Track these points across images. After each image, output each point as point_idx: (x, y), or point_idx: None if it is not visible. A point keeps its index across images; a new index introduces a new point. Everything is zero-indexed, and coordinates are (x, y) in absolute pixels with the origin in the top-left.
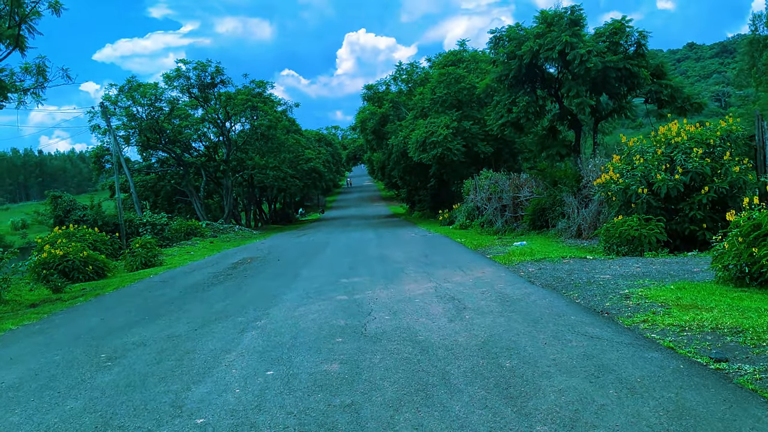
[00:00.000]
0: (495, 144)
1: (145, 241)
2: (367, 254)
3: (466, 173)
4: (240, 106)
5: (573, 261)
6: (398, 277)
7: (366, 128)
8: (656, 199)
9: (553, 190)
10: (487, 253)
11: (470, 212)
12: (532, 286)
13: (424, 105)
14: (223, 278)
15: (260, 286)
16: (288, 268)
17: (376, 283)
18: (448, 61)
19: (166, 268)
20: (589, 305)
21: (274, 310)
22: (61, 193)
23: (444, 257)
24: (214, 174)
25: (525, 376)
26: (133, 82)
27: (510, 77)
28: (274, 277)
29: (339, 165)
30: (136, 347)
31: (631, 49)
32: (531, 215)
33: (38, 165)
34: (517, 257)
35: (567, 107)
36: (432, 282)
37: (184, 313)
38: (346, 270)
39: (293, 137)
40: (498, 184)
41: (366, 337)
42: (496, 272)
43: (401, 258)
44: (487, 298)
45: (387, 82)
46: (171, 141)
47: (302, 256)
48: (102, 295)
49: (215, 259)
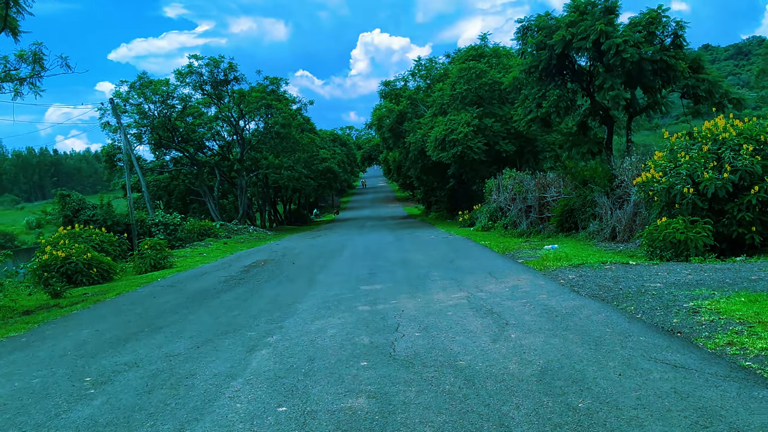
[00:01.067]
0: (517, 142)
1: (154, 243)
2: (387, 258)
3: (487, 173)
4: (254, 103)
5: (615, 267)
6: (424, 284)
7: (383, 126)
8: (702, 199)
9: (583, 190)
10: (517, 258)
11: (493, 213)
12: (579, 296)
13: (444, 101)
14: (235, 283)
15: (274, 293)
16: (303, 273)
17: (400, 291)
18: (468, 56)
19: (176, 270)
20: (654, 321)
21: (288, 322)
22: (70, 192)
23: (471, 262)
24: (228, 174)
25: (609, 424)
26: (145, 78)
27: (540, 69)
28: (288, 282)
29: (354, 165)
30: (128, 369)
31: (668, 40)
32: (559, 217)
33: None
34: (552, 262)
35: (599, 102)
36: (463, 291)
37: (188, 324)
38: (365, 275)
39: (308, 136)
40: (523, 184)
41: (396, 361)
42: (533, 280)
43: (424, 262)
44: (531, 311)
45: (405, 78)
46: (184, 140)
47: (318, 259)
48: (103, 301)
49: (227, 262)
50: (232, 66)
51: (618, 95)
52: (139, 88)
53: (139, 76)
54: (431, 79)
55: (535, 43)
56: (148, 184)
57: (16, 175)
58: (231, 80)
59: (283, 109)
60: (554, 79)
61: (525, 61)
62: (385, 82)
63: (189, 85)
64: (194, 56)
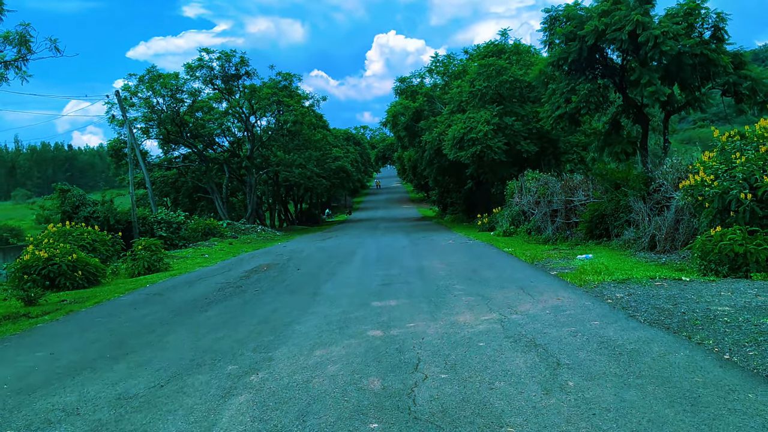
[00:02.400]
0: (539, 143)
1: (149, 243)
2: (401, 265)
3: (507, 174)
4: (265, 99)
5: (667, 284)
6: (445, 300)
7: (398, 124)
8: (762, 206)
9: (615, 194)
10: (549, 269)
11: (515, 217)
12: (639, 324)
13: (462, 98)
14: (230, 292)
15: (270, 308)
16: (308, 282)
17: (419, 309)
18: (488, 52)
19: (171, 274)
20: (751, 366)
21: (280, 352)
22: (71, 187)
23: (497, 273)
24: (237, 171)
25: None
26: (154, 72)
27: (569, 62)
28: (289, 293)
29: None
30: (63, 418)
31: (707, 33)
32: (588, 222)
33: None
34: (591, 276)
35: (632, 99)
36: (493, 311)
37: (160, 349)
38: (377, 286)
39: (320, 132)
40: (548, 187)
41: (418, 422)
42: (576, 299)
43: (444, 272)
44: (586, 345)
45: (421, 74)
46: (194, 135)
47: (326, 265)
48: (77, 311)
49: (228, 265)
50: (243, 60)
51: (657, 91)
52: (148, 81)
53: (148, 69)
54: (449, 76)
55: (564, 34)
56: (155, 180)
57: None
58: (242, 75)
59: (295, 105)
60: (584, 73)
61: (552, 53)
62: (401, 79)
63: (199, 79)
64: (205, 50)
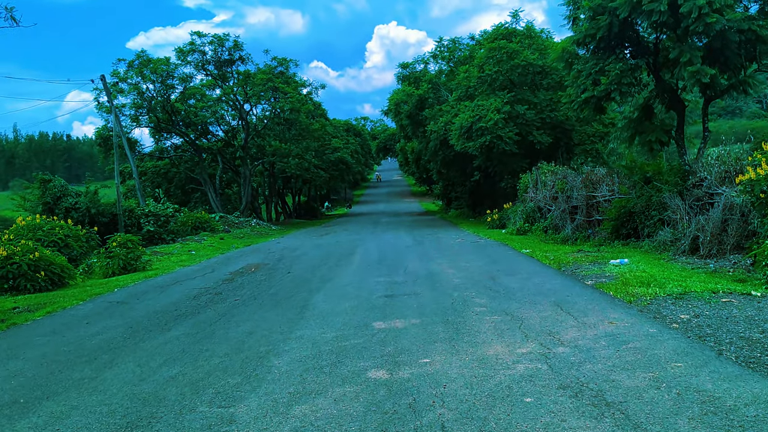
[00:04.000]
0: (553, 133)
1: (125, 240)
2: (407, 269)
3: (518, 167)
4: (259, 86)
5: (735, 300)
6: (465, 320)
7: (400, 113)
8: None
9: (646, 189)
10: (581, 276)
11: (530, 214)
12: (740, 368)
13: (470, 84)
14: (205, 302)
15: (246, 327)
16: (297, 290)
17: (433, 334)
18: (498, 35)
19: (147, 275)
20: None
21: (245, 407)
22: (52, 177)
23: (521, 281)
24: (231, 161)
25: None
26: (144, 56)
27: (597, 38)
28: (273, 305)
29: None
30: None
31: (754, 6)
32: (614, 221)
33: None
34: (639, 288)
35: (666, 82)
36: (531, 340)
37: (90, 393)
38: (380, 299)
39: (319, 122)
40: (567, 181)
41: None
42: (633, 323)
43: (457, 279)
44: (683, 408)
45: (425, 60)
46: (186, 124)
47: (320, 267)
48: (19, 326)
49: (213, 265)
50: (237, 45)
51: (699, 71)
52: (138, 67)
53: (138, 54)
54: (454, 62)
55: (591, 8)
56: (147, 171)
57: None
58: (236, 60)
59: (292, 92)
60: (614, 51)
61: (578, 30)
62: (403, 64)
63: (191, 64)
64: (197, 33)
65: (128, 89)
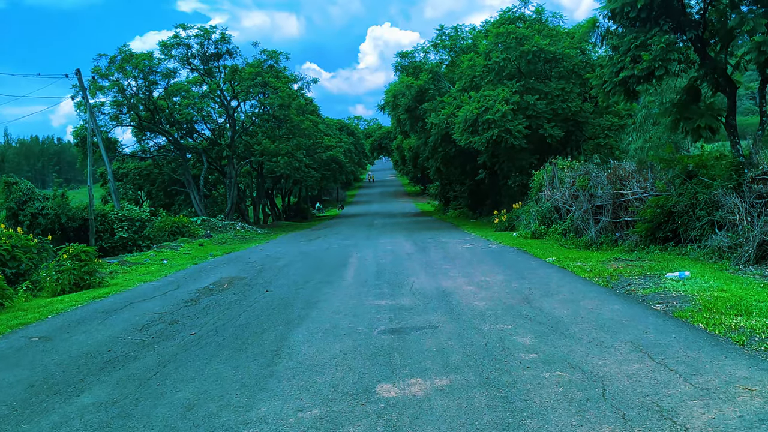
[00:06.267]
0: (565, 126)
1: (78, 251)
2: (414, 288)
3: (526, 163)
4: (248, 80)
5: None
6: (518, 383)
7: (398, 106)
8: None
9: (689, 185)
10: (642, 297)
11: (545, 215)
12: None
13: (475, 73)
14: (150, 339)
15: (185, 396)
16: (273, 320)
17: (475, 412)
18: (505, 20)
19: (96, 295)
20: None
21: None
22: (17, 179)
23: (569, 307)
24: (218, 161)
25: None
26: (126, 51)
27: (639, 7)
28: (236, 350)
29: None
30: None
31: None
32: (649, 222)
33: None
34: (736, 318)
35: (715, 60)
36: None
37: None
38: (385, 339)
39: (309, 119)
40: (589, 177)
41: None
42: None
43: (482, 302)
44: None
45: (425, 49)
46: (170, 122)
47: (306, 283)
48: None
49: (179, 279)
50: (224, 37)
51: (764, 42)
52: (120, 62)
53: (120, 49)
54: (456, 51)
55: None
56: (129, 172)
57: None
58: (224, 54)
59: (282, 87)
60: (657, 23)
61: None
62: (402, 53)
63: (175, 58)
64: (181, 25)
65: (109, 85)
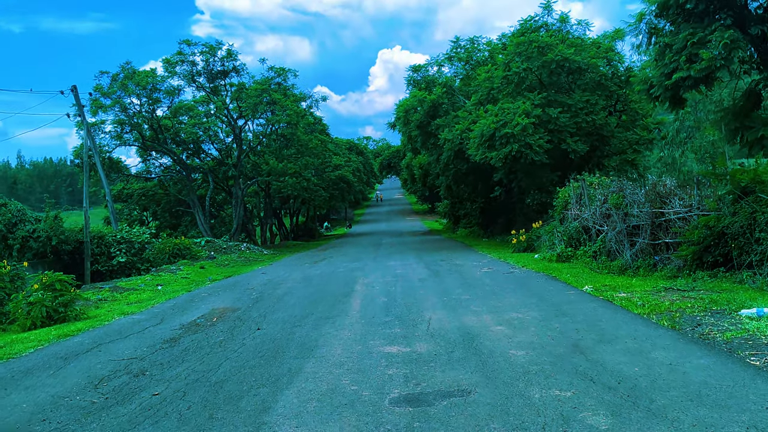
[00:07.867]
0: (589, 140)
1: (52, 279)
2: (432, 327)
3: (546, 180)
4: (254, 98)
5: None
6: None
7: (410, 121)
8: None
9: (745, 204)
10: (729, 346)
11: (572, 235)
12: None
13: (493, 86)
14: (99, 405)
15: None
16: (258, 377)
17: None
18: (526, 29)
19: (65, 332)
20: None
21: None
22: (8, 200)
23: (641, 363)
24: (225, 181)
25: None
26: (129, 68)
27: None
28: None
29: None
30: None
31: None
32: (696, 244)
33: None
34: None
35: None
36: None
37: None
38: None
39: (318, 137)
40: (623, 194)
41: None
42: None
43: (520, 350)
44: None
45: (439, 62)
46: (176, 142)
47: (305, 319)
48: None
49: (166, 311)
50: (231, 54)
51: None
52: (122, 80)
53: (122, 66)
54: (472, 64)
55: None
56: (133, 193)
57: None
58: (230, 71)
59: (289, 105)
60: (715, 17)
61: None
62: (415, 67)
63: (179, 75)
64: (186, 41)
65: (110, 103)
